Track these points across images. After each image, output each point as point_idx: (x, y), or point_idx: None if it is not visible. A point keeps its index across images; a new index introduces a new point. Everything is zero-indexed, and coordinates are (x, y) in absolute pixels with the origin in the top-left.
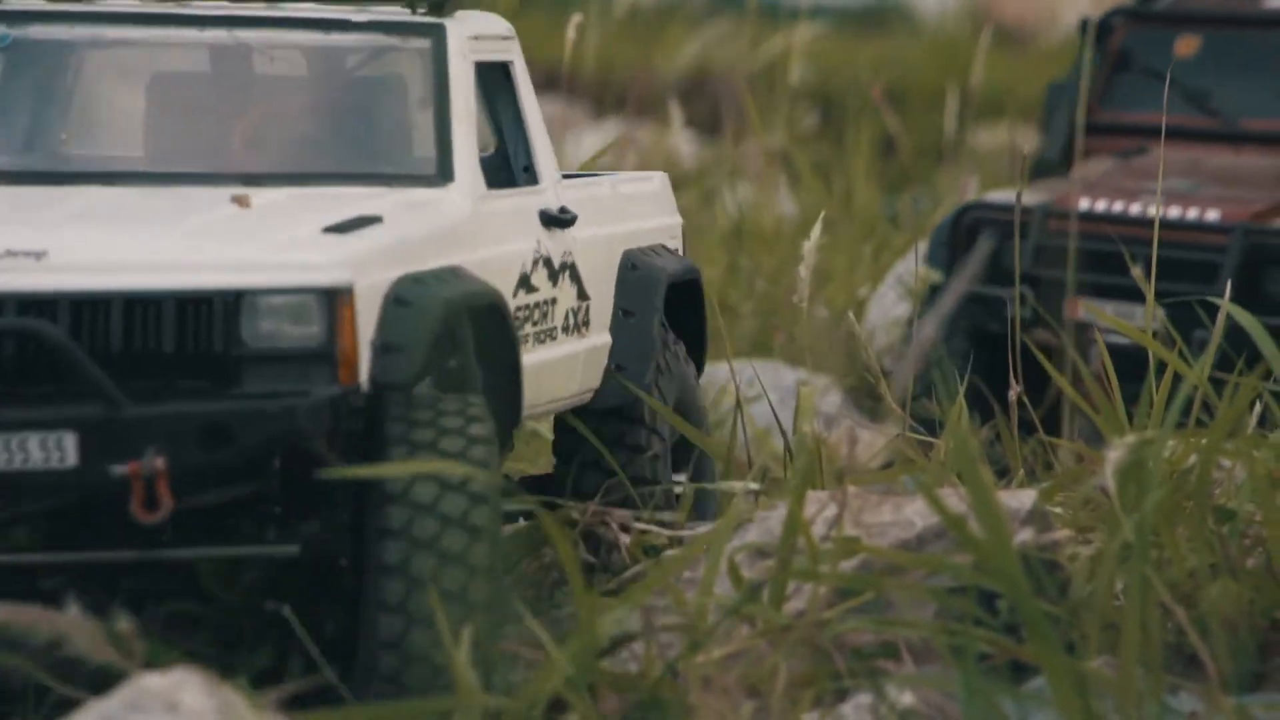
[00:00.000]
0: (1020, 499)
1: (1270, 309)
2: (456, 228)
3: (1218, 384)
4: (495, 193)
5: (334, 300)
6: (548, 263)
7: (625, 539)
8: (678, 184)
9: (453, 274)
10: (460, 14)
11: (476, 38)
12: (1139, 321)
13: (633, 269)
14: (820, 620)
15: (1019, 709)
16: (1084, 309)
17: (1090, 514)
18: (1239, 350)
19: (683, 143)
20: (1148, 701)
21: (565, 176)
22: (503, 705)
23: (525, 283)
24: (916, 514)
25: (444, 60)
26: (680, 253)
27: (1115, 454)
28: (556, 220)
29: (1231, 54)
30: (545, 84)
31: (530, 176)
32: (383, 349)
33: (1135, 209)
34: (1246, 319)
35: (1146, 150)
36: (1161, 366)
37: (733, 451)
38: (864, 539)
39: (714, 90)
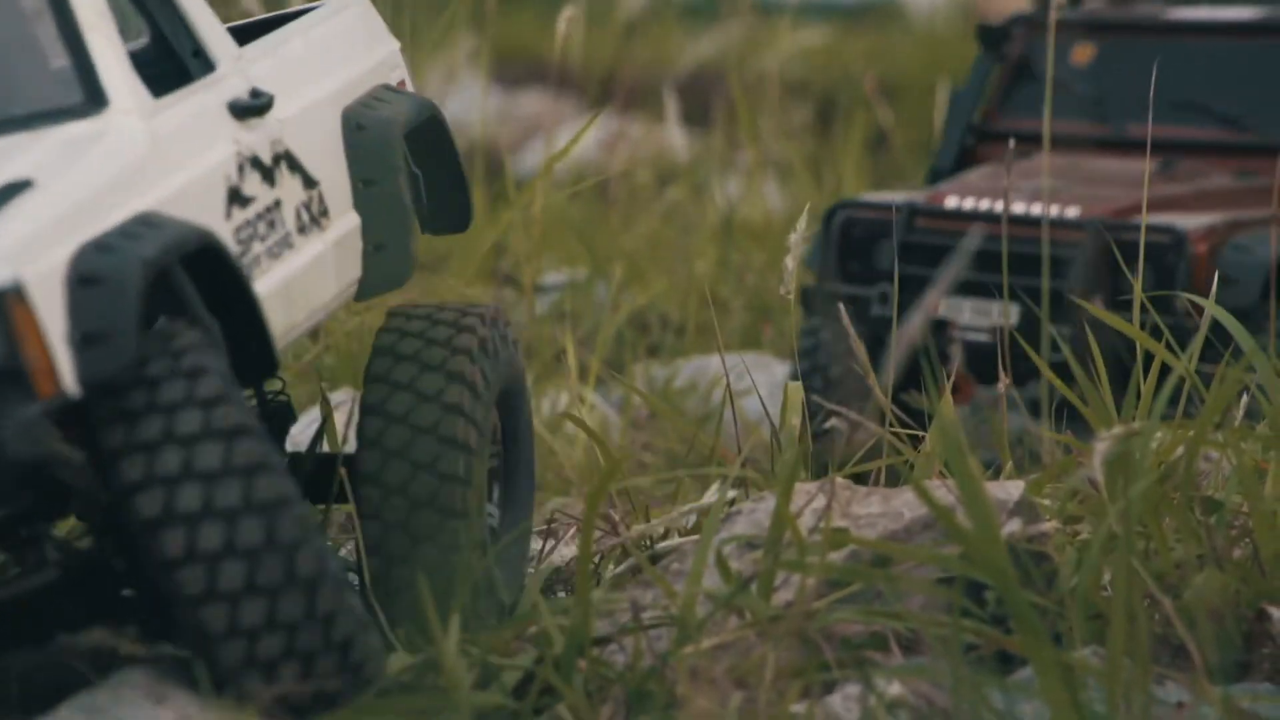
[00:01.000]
0: (1008, 490)
1: (1125, 304)
2: (130, 163)
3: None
4: (166, 100)
5: (3, 304)
6: (256, 163)
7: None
8: (670, 177)
9: (144, 224)
10: None
11: None
12: (996, 318)
13: (359, 129)
14: (808, 611)
15: (1006, 699)
16: (943, 305)
17: (1078, 505)
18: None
19: (676, 136)
20: (1134, 691)
21: (236, 33)
22: (493, 701)
23: (236, 197)
24: (905, 505)
25: None
26: (407, 84)
27: (1103, 446)
28: (251, 109)
29: (1125, 61)
30: (535, 77)
31: (203, 63)
32: (82, 342)
33: (998, 208)
34: (1111, 318)
35: (1031, 155)
36: (1020, 359)
37: (720, 443)
38: (852, 530)
39: (706, 85)
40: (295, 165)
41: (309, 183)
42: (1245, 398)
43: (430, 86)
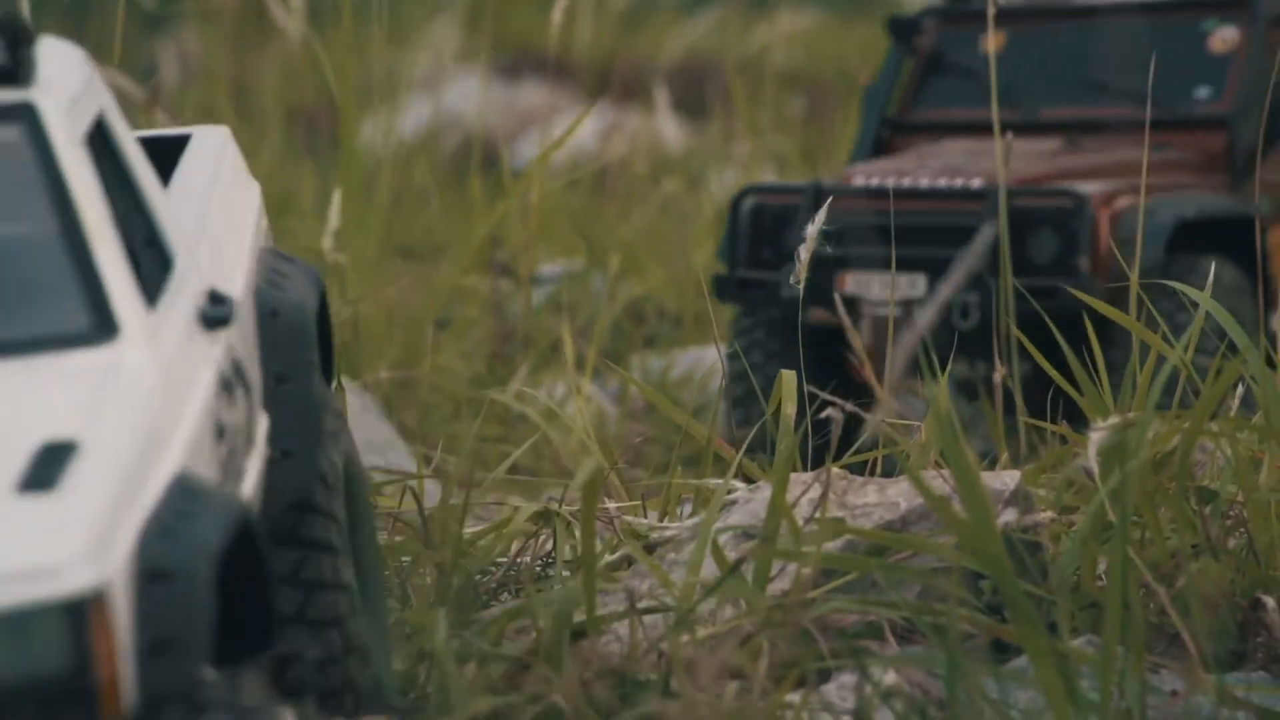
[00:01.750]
0: (1004, 480)
1: (1030, 270)
2: (153, 412)
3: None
4: (156, 313)
5: (82, 612)
6: (225, 383)
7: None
8: (665, 169)
9: (188, 497)
10: (40, 63)
11: (74, 101)
12: (902, 291)
13: (273, 315)
14: (804, 601)
15: (1001, 688)
16: (851, 282)
17: (1073, 495)
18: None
19: (670, 128)
20: (1129, 680)
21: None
22: (486, 685)
23: (220, 433)
24: (901, 495)
25: (49, 152)
26: (264, 226)
27: (1098, 435)
28: (218, 320)
29: (1035, 48)
30: (531, 68)
31: (158, 254)
32: (150, 651)
33: (905, 183)
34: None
35: (941, 142)
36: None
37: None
38: (848, 520)
39: (701, 76)
40: (242, 375)
41: (247, 391)
42: (1240, 388)
43: (426, 78)
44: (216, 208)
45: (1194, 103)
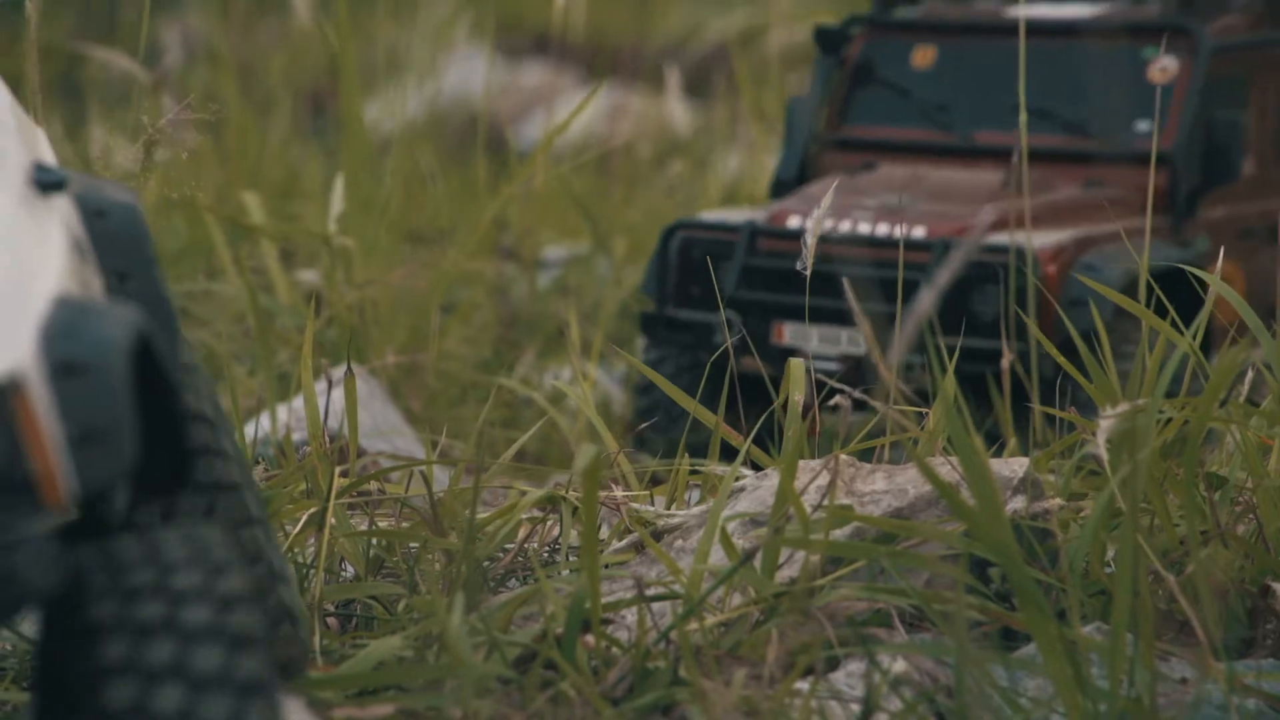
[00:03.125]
0: (1012, 467)
1: (978, 329)
2: (20, 236)
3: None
4: None
5: (4, 400)
6: (80, 250)
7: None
8: (672, 151)
9: (82, 307)
10: None
11: None
12: (844, 347)
13: (100, 215)
14: (812, 588)
15: (1010, 675)
16: (789, 333)
17: (1082, 482)
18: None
19: (679, 110)
20: (1138, 668)
21: None
22: (496, 671)
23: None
24: (909, 482)
25: None
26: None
27: (1107, 422)
28: (52, 183)
29: (967, 65)
30: (537, 49)
31: None
32: (80, 442)
33: (845, 226)
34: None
35: (874, 166)
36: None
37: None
38: (856, 507)
39: (708, 57)
40: (86, 254)
41: (97, 274)
42: (1249, 374)
43: (430, 59)
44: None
45: (1134, 136)
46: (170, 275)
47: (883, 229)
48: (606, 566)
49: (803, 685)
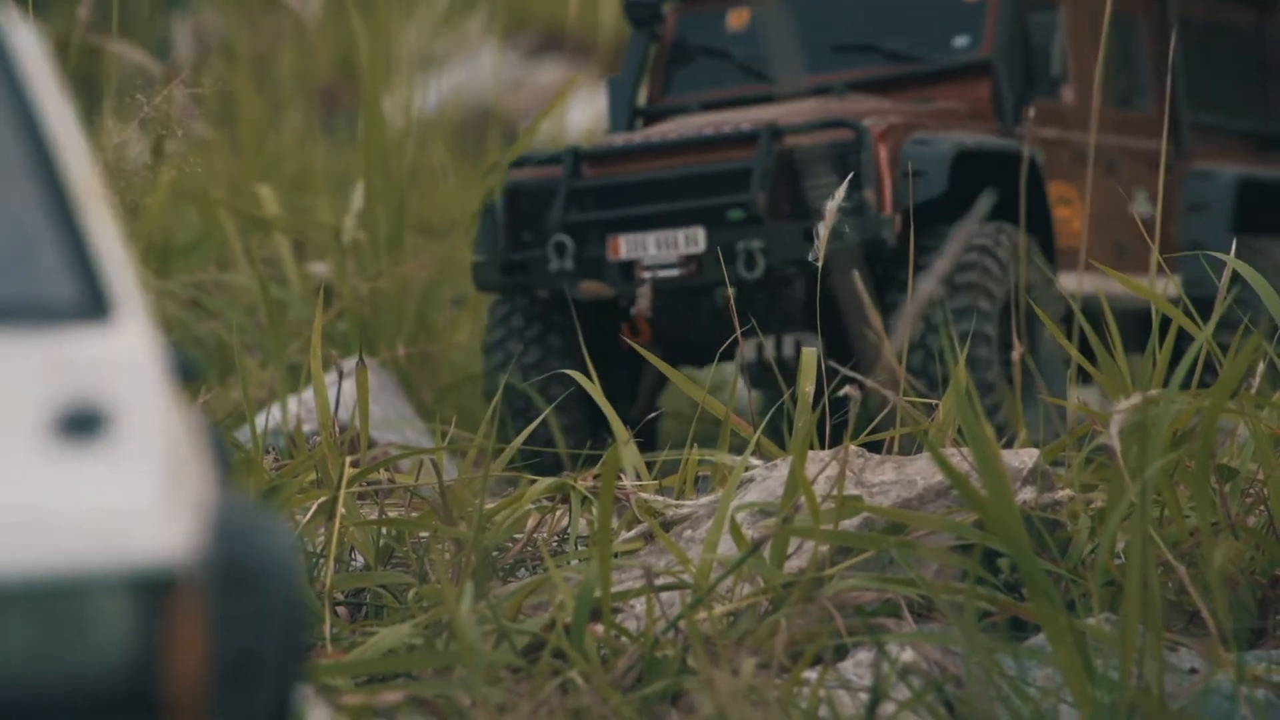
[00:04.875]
0: (1022, 458)
1: (810, 212)
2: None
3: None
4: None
5: (159, 590)
6: None
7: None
8: None
9: (240, 502)
10: None
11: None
12: (682, 248)
13: None
14: (821, 578)
15: (1019, 665)
16: (625, 245)
17: (1093, 473)
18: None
19: None
20: (1148, 658)
21: None
22: (505, 659)
23: None
24: (918, 473)
25: (17, 82)
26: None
27: (1119, 414)
28: None
29: (782, 20)
30: (553, 47)
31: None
32: (234, 664)
33: (670, 136)
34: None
35: (696, 111)
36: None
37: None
38: (865, 498)
39: None
40: None
41: None
42: (1262, 365)
43: (445, 55)
44: None
45: (953, 52)
46: (182, 267)
47: (707, 131)
48: (615, 556)
49: (811, 674)
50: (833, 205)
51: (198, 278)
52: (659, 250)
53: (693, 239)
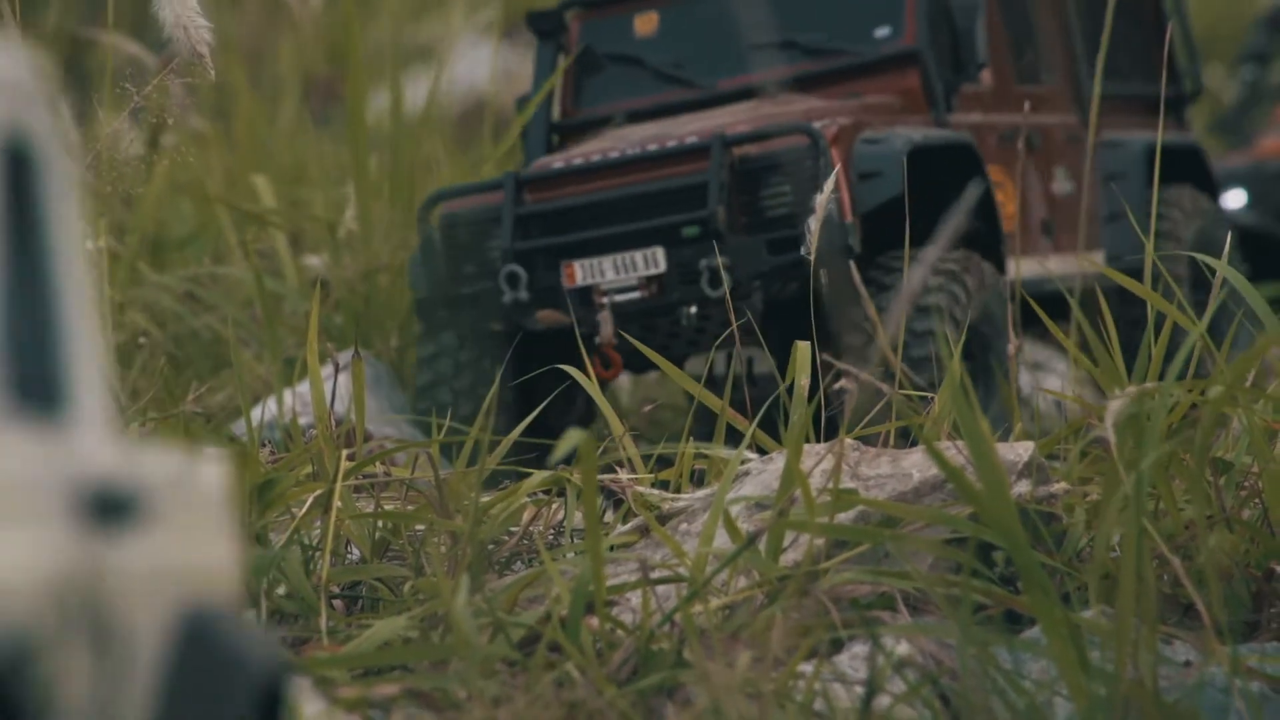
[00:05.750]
0: (1018, 451)
1: (767, 225)
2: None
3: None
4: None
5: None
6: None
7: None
8: None
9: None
10: None
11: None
12: (642, 270)
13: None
14: (816, 571)
15: (1014, 658)
16: (580, 271)
17: (1088, 466)
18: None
19: None
20: (1143, 651)
21: None
22: (501, 652)
23: None
24: (914, 466)
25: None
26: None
27: (1114, 406)
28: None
29: (692, 22)
30: None
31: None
32: None
33: (614, 155)
34: None
35: (620, 123)
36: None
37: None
38: (861, 491)
39: None
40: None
41: None
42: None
43: (437, 47)
44: None
45: (876, 43)
46: (177, 260)
47: (653, 147)
48: (611, 549)
49: (806, 667)
50: (819, 215)
51: (193, 271)
52: (617, 274)
53: (652, 259)
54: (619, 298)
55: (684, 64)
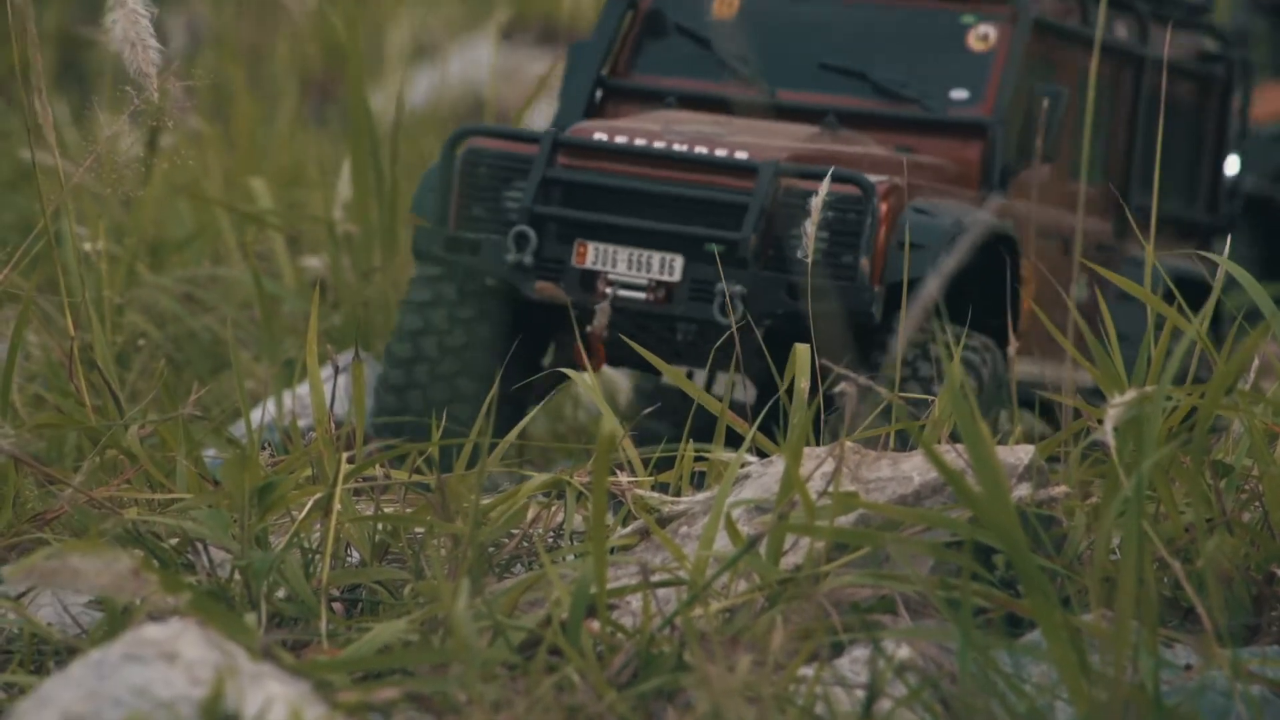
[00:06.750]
0: (1017, 454)
1: (790, 264)
2: None
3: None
4: None
5: None
6: None
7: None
8: None
9: None
10: None
11: None
12: (655, 271)
13: None
14: (817, 575)
15: (1015, 661)
16: (591, 253)
17: (1088, 469)
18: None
19: None
20: (1143, 654)
21: None
22: (501, 656)
23: None
24: (914, 469)
25: None
26: None
27: (1114, 410)
28: None
29: (772, 21)
30: (549, 40)
31: None
32: None
33: (659, 145)
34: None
35: (674, 105)
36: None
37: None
38: (861, 494)
39: None
40: None
41: None
42: (1256, 361)
43: (436, 46)
44: None
45: (950, 103)
46: (176, 262)
47: (700, 150)
48: (611, 552)
49: (807, 671)
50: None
51: (191, 272)
52: (629, 269)
53: (669, 266)
54: (623, 292)
55: (751, 61)
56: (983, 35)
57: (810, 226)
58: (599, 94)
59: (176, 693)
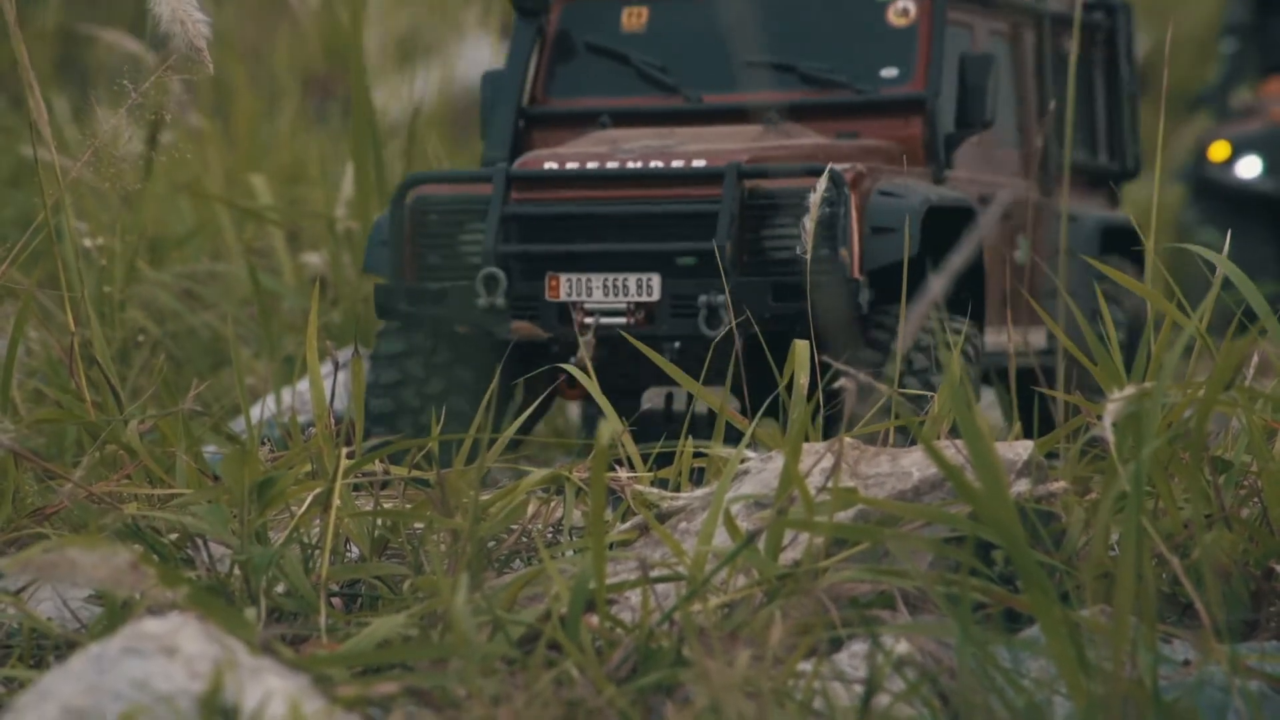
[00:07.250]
0: (1017, 450)
1: (772, 266)
2: None
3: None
4: None
5: None
6: None
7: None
8: None
9: None
10: None
11: None
12: (633, 294)
13: None
14: (816, 570)
15: (1013, 656)
16: (565, 285)
17: (1087, 465)
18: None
19: None
20: (1141, 650)
21: None
22: (500, 650)
23: None
24: (913, 465)
25: None
26: None
27: (1113, 405)
28: None
29: (685, 23)
30: None
31: None
32: None
33: (613, 165)
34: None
35: (608, 125)
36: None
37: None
38: (860, 490)
39: None
40: None
41: None
42: (1254, 358)
43: (440, 44)
44: None
45: (881, 82)
46: (176, 258)
47: (658, 164)
48: (611, 547)
49: (806, 666)
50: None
51: (191, 269)
52: (606, 295)
53: (646, 286)
54: (604, 320)
55: (670, 69)
56: (902, 10)
57: (809, 223)
58: (520, 123)
59: (176, 686)
